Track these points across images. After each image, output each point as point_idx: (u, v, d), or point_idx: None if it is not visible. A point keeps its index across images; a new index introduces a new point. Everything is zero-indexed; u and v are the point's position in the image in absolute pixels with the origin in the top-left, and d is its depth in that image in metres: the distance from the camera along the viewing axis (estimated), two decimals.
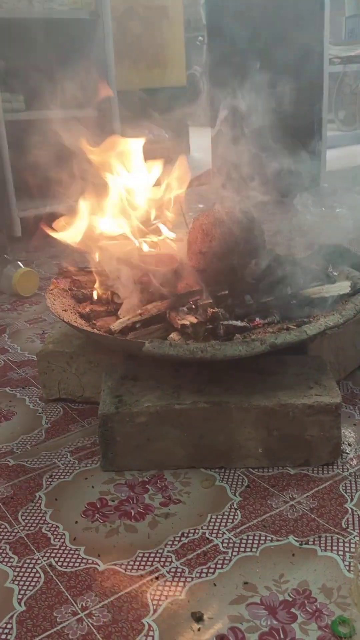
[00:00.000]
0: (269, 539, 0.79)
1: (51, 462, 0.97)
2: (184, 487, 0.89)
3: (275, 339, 0.91)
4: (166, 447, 0.92)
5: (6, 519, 0.85)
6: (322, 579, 0.72)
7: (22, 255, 2.22)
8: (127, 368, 1.02)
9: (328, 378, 0.96)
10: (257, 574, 0.73)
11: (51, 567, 0.76)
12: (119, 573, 0.75)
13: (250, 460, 0.92)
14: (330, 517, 0.81)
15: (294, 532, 0.79)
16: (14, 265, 1.78)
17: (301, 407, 0.89)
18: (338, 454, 0.92)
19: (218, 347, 0.90)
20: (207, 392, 0.93)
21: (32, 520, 0.84)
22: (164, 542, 0.79)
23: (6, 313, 1.65)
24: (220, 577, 0.73)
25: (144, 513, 0.84)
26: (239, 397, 0.91)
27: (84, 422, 1.08)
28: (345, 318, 0.99)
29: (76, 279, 1.27)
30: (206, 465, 0.93)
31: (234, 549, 0.77)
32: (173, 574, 0.74)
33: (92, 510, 0.85)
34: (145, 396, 0.93)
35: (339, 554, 0.75)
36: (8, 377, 1.27)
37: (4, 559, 0.78)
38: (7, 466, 0.97)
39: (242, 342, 0.91)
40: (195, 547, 0.78)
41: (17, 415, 1.12)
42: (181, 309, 1.04)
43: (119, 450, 0.92)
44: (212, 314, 1.00)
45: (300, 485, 0.88)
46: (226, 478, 0.90)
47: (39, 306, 1.68)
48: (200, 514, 0.84)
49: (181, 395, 0.93)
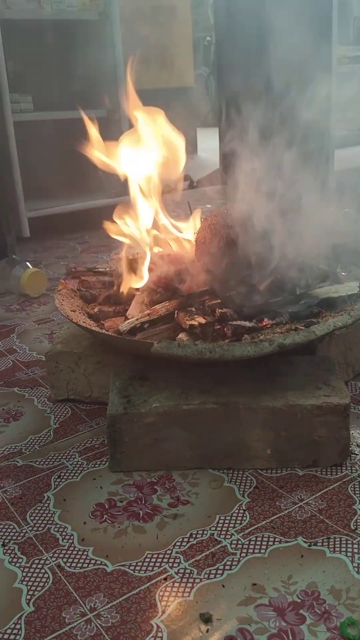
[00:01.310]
0: (278, 540, 0.78)
1: (59, 463, 0.97)
2: (192, 488, 0.89)
3: (283, 340, 0.91)
4: (174, 448, 0.92)
5: (15, 519, 0.85)
6: (331, 580, 0.72)
7: (30, 255, 2.23)
8: (135, 368, 1.02)
9: (337, 379, 0.96)
10: (266, 575, 0.73)
11: (60, 568, 0.76)
12: (127, 574, 0.75)
13: (258, 461, 0.92)
14: (339, 519, 0.81)
15: (302, 533, 0.79)
16: (22, 266, 1.78)
17: (310, 408, 0.89)
18: (347, 455, 0.92)
19: (226, 347, 0.90)
20: (215, 393, 0.93)
21: (41, 520, 0.85)
22: (172, 543, 0.79)
23: (14, 313, 1.66)
24: (228, 578, 0.73)
25: (152, 514, 0.84)
26: (247, 398, 0.91)
27: (92, 422, 1.08)
28: (354, 318, 0.98)
29: (84, 280, 1.27)
30: (214, 466, 0.93)
31: (243, 550, 0.77)
32: (182, 575, 0.74)
33: (101, 511, 0.85)
34: (153, 396, 0.93)
35: (347, 556, 0.75)
36: (16, 377, 1.28)
37: (13, 559, 0.78)
38: (16, 466, 0.97)
39: (251, 343, 0.91)
40: (204, 548, 0.78)
41: (26, 415, 1.12)
42: (189, 309, 1.04)
43: (127, 450, 0.92)
44: (220, 314, 1.00)
45: (309, 487, 0.88)
46: (234, 479, 0.90)
47: (47, 306, 1.69)
48: (209, 515, 0.84)
49: (189, 395, 0.92)
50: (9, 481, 0.93)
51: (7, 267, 1.79)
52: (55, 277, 1.93)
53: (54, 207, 2.41)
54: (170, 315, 1.05)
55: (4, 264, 1.82)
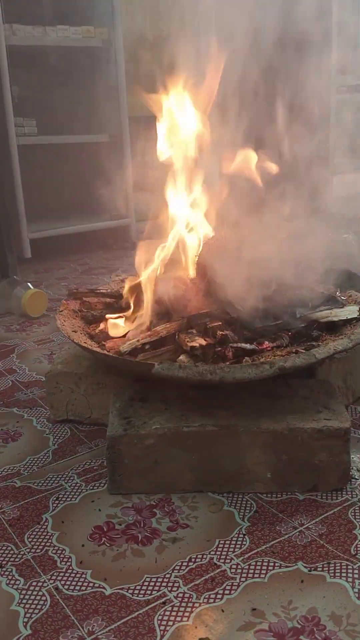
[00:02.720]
0: (278, 565, 0.78)
1: (58, 484, 0.96)
2: (191, 512, 0.88)
3: (284, 362, 0.91)
4: (174, 470, 0.92)
5: (12, 541, 0.84)
6: (332, 606, 0.71)
7: (32, 276, 2.24)
8: (135, 389, 1.02)
9: (337, 402, 0.96)
10: (266, 600, 0.72)
11: (57, 591, 0.75)
12: (125, 597, 0.74)
13: (258, 485, 0.92)
14: (340, 544, 0.81)
15: (302, 558, 0.79)
16: (23, 286, 1.79)
17: (310, 432, 0.88)
18: (347, 479, 0.91)
19: (227, 369, 0.90)
20: (215, 415, 0.93)
21: (39, 542, 0.84)
22: (171, 566, 0.78)
23: (15, 333, 1.66)
24: (228, 603, 0.72)
25: (151, 537, 0.84)
26: (247, 421, 0.91)
27: (91, 443, 1.08)
28: (354, 342, 0.99)
29: (86, 301, 1.28)
30: (214, 489, 0.92)
31: (242, 575, 0.76)
32: (180, 599, 0.73)
33: (99, 534, 0.85)
34: (153, 418, 0.93)
35: (348, 581, 0.74)
36: (16, 397, 1.27)
37: (10, 581, 0.77)
38: (14, 487, 0.96)
39: (251, 365, 0.91)
40: (203, 573, 0.77)
41: (25, 436, 1.12)
42: (190, 331, 1.05)
43: (126, 472, 0.92)
44: (221, 336, 1.01)
45: (309, 511, 0.87)
46: (234, 503, 0.90)
47: (47, 327, 1.69)
48: (208, 539, 0.83)
49: (190, 417, 0.92)
50: (7, 502, 0.93)
51: (9, 287, 1.80)
52: (55, 298, 1.94)
53: (56, 229, 2.44)
54: (171, 336, 1.05)
55: (5, 284, 1.83)
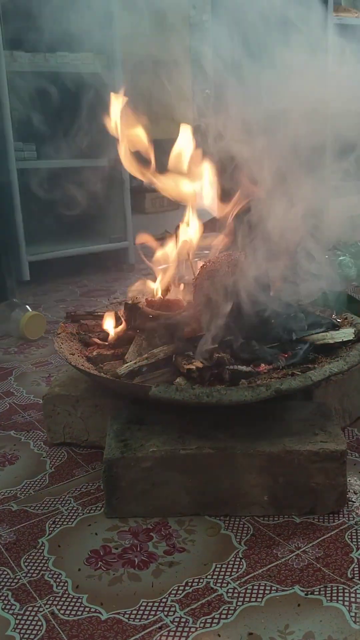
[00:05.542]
0: (274, 588, 0.77)
1: (55, 508, 0.96)
2: (188, 535, 0.88)
3: (280, 385, 0.92)
4: (171, 493, 0.92)
5: (9, 565, 0.84)
6: (328, 630, 0.70)
7: (30, 299, 2.25)
8: (132, 412, 1.02)
9: (333, 424, 0.96)
10: (262, 624, 0.72)
11: (53, 615, 0.75)
12: (122, 622, 0.73)
13: (255, 508, 0.91)
14: (336, 567, 0.80)
15: (299, 582, 0.78)
16: (21, 309, 1.80)
17: (306, 454, 0.89)
18: (344, 502, 0.91)
19: (224, 392, 0.91)
20: (212, 438, 0.93)
21: (35, 566, 0.83)
22: (167, 591, 0.78)
23: (13, 356, 1.66)
24: (224, 627, 0.72)
25: (148, 561, 0.83)
26: (244, 443, 0.91)
27: (88, 466, 1.08)
28: (349, 365, 0.99)
29: (84, 323, 1.29)
30: (211, 512, 0.92)
31: (239, 599, 0.76)
32: (177, 624, 0.73)
33: (95, 558, 0.84)
34: (150, 441, 0.93)
35: (345, 605, 0.74)
36: (13, 420, 1.28)
37: (6, 606, 0.77)
38: (11, 511, 0.96)
39: (248, 388, 0.92)
40: (200, 597, 0.77)
41: (21, 459, 1.12)
42: (187, 353, 1.05)
43: (123, 496, 0.92)
44: (217, 359, 1.01)
45: (306, 534, 0.87)
46: (231, 526, 0.90)
47: (45, 349, 1.70)
48: (205, 563, 0.83)
49: (186, 440, 0.93)
50: (3, 526, 0.92)
51: (7, 309, 1.81)
52: (54, 321, 1.94)
53: (54, 252, 2.45)
54: (168, 359, 1.06)
55: (4, 306, 1.83)
